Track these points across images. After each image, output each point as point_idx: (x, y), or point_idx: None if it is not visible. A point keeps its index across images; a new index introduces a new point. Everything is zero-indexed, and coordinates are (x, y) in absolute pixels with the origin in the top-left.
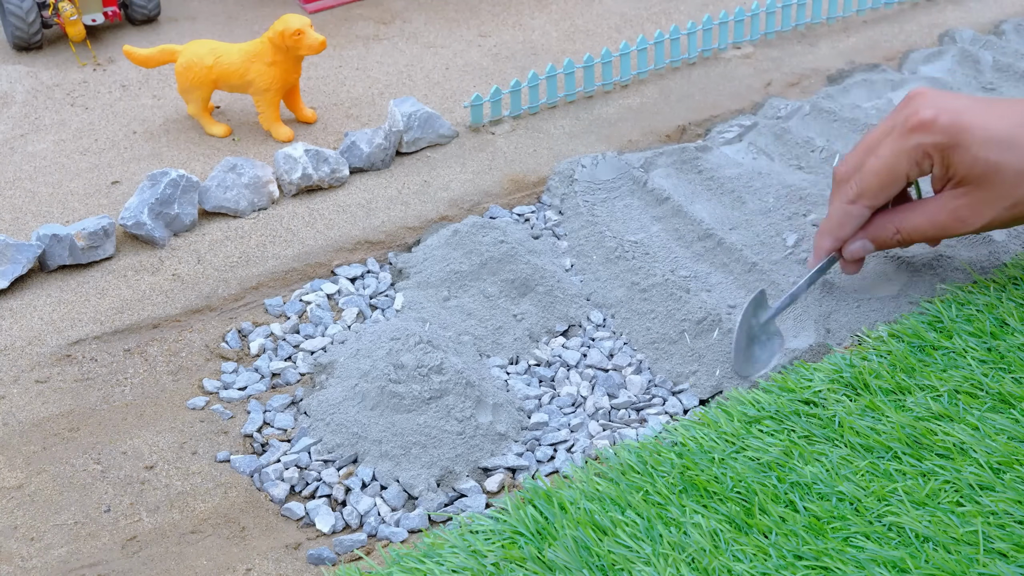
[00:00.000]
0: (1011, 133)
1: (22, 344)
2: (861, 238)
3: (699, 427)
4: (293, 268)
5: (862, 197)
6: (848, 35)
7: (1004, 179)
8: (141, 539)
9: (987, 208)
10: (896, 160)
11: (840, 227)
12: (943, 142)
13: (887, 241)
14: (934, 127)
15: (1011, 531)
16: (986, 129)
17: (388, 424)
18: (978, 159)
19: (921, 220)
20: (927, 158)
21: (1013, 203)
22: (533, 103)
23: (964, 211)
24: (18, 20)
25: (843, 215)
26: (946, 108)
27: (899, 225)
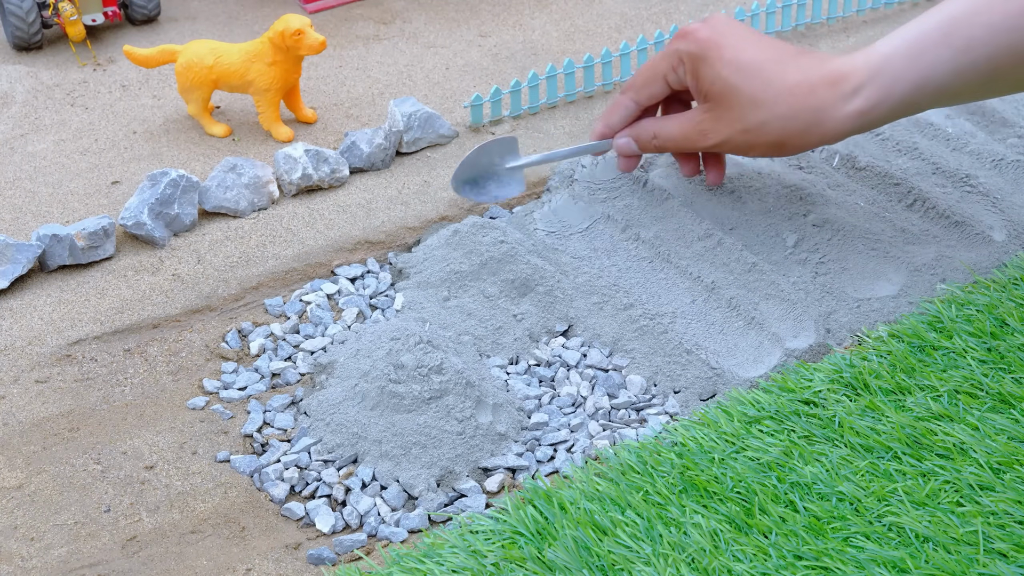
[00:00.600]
0: (757, 62)
1: (22, 344)
2: (626, 135)
3: (699, 427)
4: (293, 268)
5: (628, 89)
6: (848, 35)
7: (738, 102)
8: (141, 539)
9: (722, 126)
10: (658, 60)
11: (609, 113)
12: (695, 52)
13: (647, 143)
14: (692, 37)
15: (1011, 531)
16: (736, 52)
17: (388, 424)
18: (719, 76)
19: (673, 127)
20: (680, 64)
21: (744, 128)
22: (533, 103)
23: (705, 124)
24: (18, 20)
25: (613, 103)
26: (714, 26)
27: (656, 130)
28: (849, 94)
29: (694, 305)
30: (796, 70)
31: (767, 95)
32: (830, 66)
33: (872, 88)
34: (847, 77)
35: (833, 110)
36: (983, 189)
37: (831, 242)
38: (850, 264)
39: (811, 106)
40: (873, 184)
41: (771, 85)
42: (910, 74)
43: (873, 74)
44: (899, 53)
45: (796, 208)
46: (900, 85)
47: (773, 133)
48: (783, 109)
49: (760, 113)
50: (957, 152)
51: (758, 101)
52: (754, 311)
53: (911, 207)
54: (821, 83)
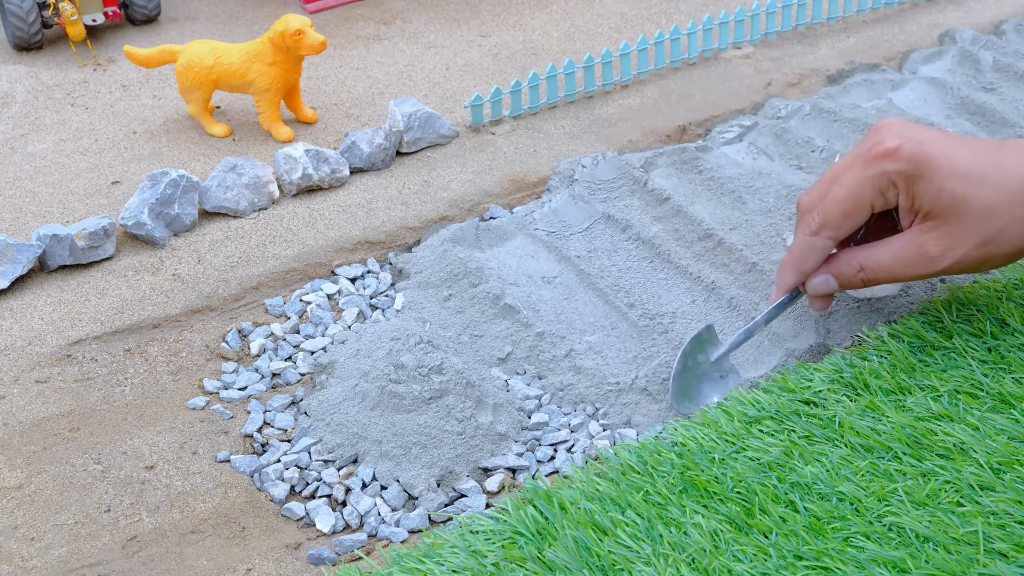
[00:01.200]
0: (979, 166)
1: (22, 344)
2: (824, 273)
3: (699, 427)
4: (293, 268)
5: (825, 228)
6: (848, 35)
7: (972, 213)
8: (141, 539)
9: (956, 244)
10: (860, 189)
11: (803, 260)
12: (908, 171)
13: (850, 278)
14: (899, 155)
15: (1011, 531)
16: (952, 161)
17: (388, 424)
18: (944, 190)
19: (886, 256)
20: (892, 187)
21: (983, 240)
22: (533, 103)
23: (931, 246)
24: (18, 20)
25: (806, 248)
26: (912, 138)
27: (863, 261)
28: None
29: (694, 305)
30: (1014, 166)
31: (1000, 199)
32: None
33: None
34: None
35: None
36: None
37: None
38: None
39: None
40: None
41: (1000, 188)
42: None
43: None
44: None
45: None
46: None
47: (1012, 240)
48: (1020, 211)
49: (996, 221)
50: None
51: (992, 208)
52: (754, 311)
53: None
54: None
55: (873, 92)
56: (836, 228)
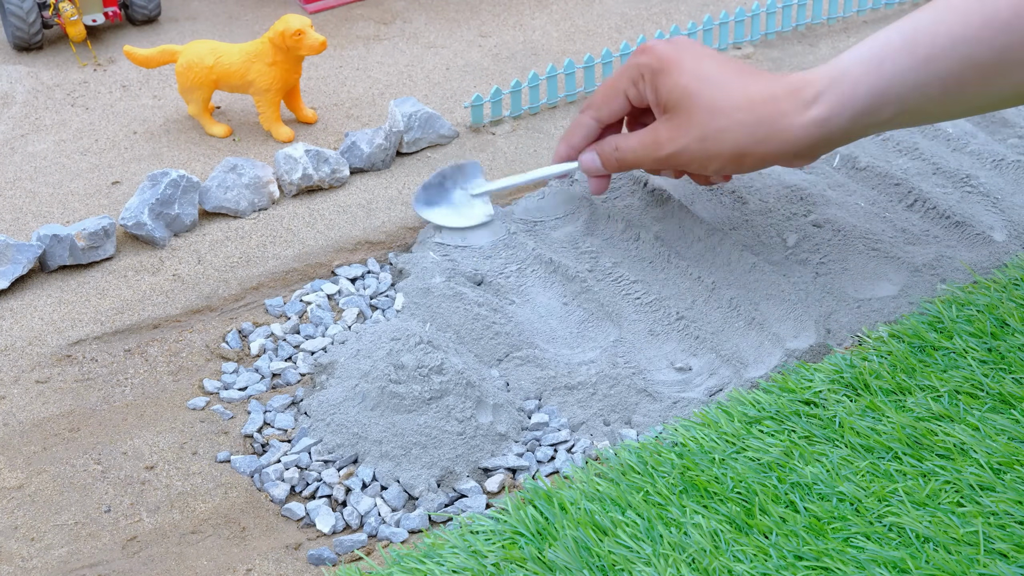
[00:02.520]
0: (717, 72)
1: (22, 344)
2: (590, 150)
3: (699, 427)
4: (293, 268)
5: (589, 107)
6: (848, 35)
7: (696, 107)
8: (141, 539)
9: (680, 134)
10: (617, 76)
11: (571, 134)
12: (654, 65)
13: (608, 156)
14: (651, 52)
15: (1012, 531)
16: (696, 63)
17: (388, 424)
18: (677, 85)
19: (633, 140)
20: (641, 79)
21: (702, 135)
22: (534, 103)
23: (662, 134)
24: (18, 20)
25: (574, 123)
26: (676, 42)
27: (618, 143)
28: (809, 101)
29: (694, 306)
30: (756, 82)
31: (726, 102)
32: (792, 77)
33: (831, 94)
34: (808, 85)
35: (792, 117)
36: (983, 189)
37: (831, 242)
38: (850, 264)
39: (770, 113)
40: (873, 184)
41: (730, 93)
42: (870, 80)
43: (833, 80)
44: (860, 60)
45: (796, 208)
46: (860, 91)
47: (731, 141)
48: (742, 115)
49: (718, 120)
50: (957, 152)
51: (716, 108)
52: (754, 311)
53: (911, 207)
54: (782, 92)
55: None
56: (597, 109)
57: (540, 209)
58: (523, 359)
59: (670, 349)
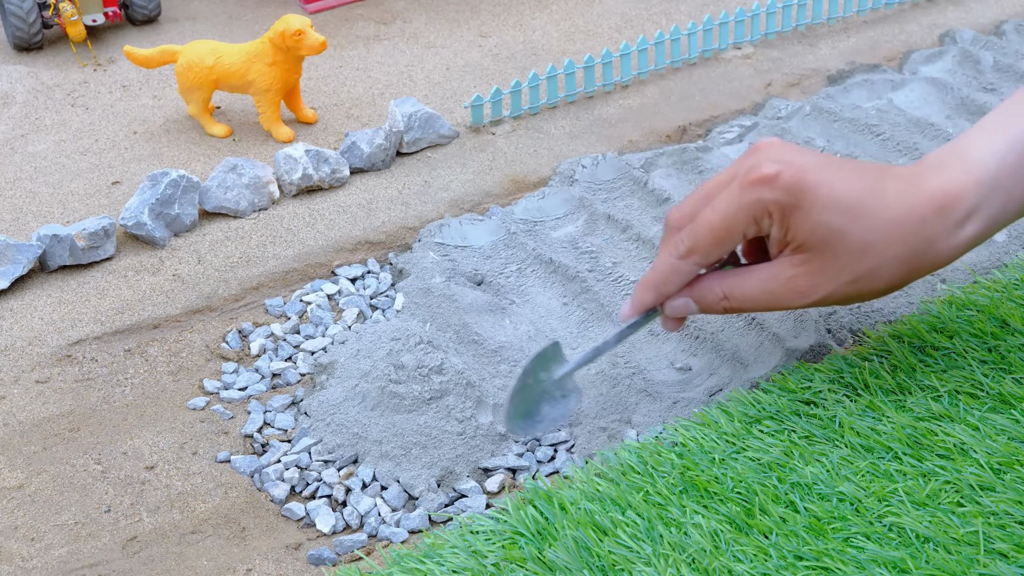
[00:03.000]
0: (859, 198)
1: (22, 344)
2: (685, 296)
3: (699, 427)
4: (293, 268)
5: (693, 253)
6: (848, 35)
7: (846, 249)
8: (141, 539)
9: (826, 280)
10: (734, 216)
11: (665, 283)
12: (784, 201)
13: (712, 305)
14: (777, 183)
15: (1012, 531)
16: (832, 191)
17: (388, 424)
18: (820, 223)
19: (752, 287)
20: (767, 216)
21: (854, 277)
22: (534, 103)
23: (800, 280)
24: (18, 20)
25: (670, 270)
26: (791, 164)
27: (727, 290)
28: (961, 221)
29: None
30: (897, 199)
31: (877, 236)
32: (931, 188)
33: (986, 210)
34: (956, 202)
35: (945, 241)
36: None
37: None
38: None
39: (923, 240)
40: None
41: (879, 224)
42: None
43: (985, 196)
44: (1009, 166)
45: None
46: (1015, 202)
47: (884, 278)
48: (896, 249)
49: (871, 259)
50: None
51: (868, 245)
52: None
53: None
54: (929, 212)
55: (873, 92)
56: (704, 255)
57: (540, 209)
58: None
59: (670, 349)
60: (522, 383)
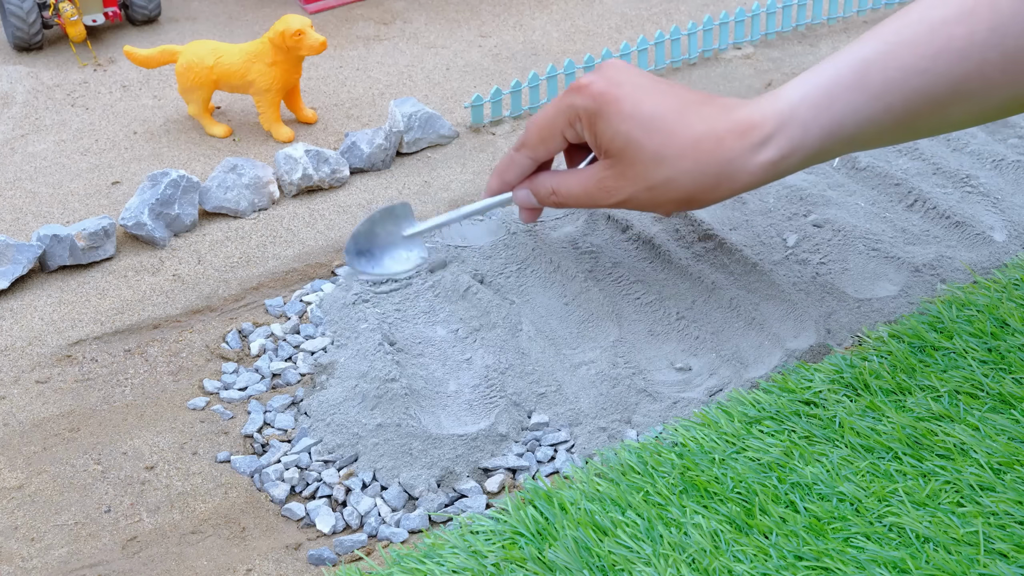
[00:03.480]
0: (659, 116)
1: (22, 344)
2: (525, 187)
3: (699, 428)
4: (293, 268)
5: (524, 147)
6: (848, 35)
7: (641, 158)
8: (141, 539)
9: (626, 183)
10: (553, 116)
11: (504, 170)
12: (591, 107)
13: (545, 197)
14: (587, 91)
15: (1012, 531)
16: (637, 105)
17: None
18: (619, 131)
19: (574, 183)
20: (577, 120)
21: (650, 185)
22: (534, 104)
23: (608, 182)
24: (19, 20)
25: (508, 160)
26: (609, 77)
27: (555, 185)
28: (758, 144)
29: (695, 305)
30: (700, 120)
31: (671, 150)
32: (737, 115)
33: (782, 137)
34: (756, 126)
35: (742, 161)
36: (983, 189)
37: (831, 242)
38: (850, 264)
39: (719, 159)
40: (873, 184)
41: (675, 138)
42: (822, 120)
43: (783, 123)
44: (809, 99)
45: (796, 208)
46: (812, 133)
47: (680, 189)
48: (689, 164)
49: (665, 169)
50: (957, 152)
51: (662, 157)
52: (754, 311)
53: (911, 207)
54: (728, 134)
55: None
56: (533, 150)
57: None
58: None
59: (670, 349)
60: (367, 228)
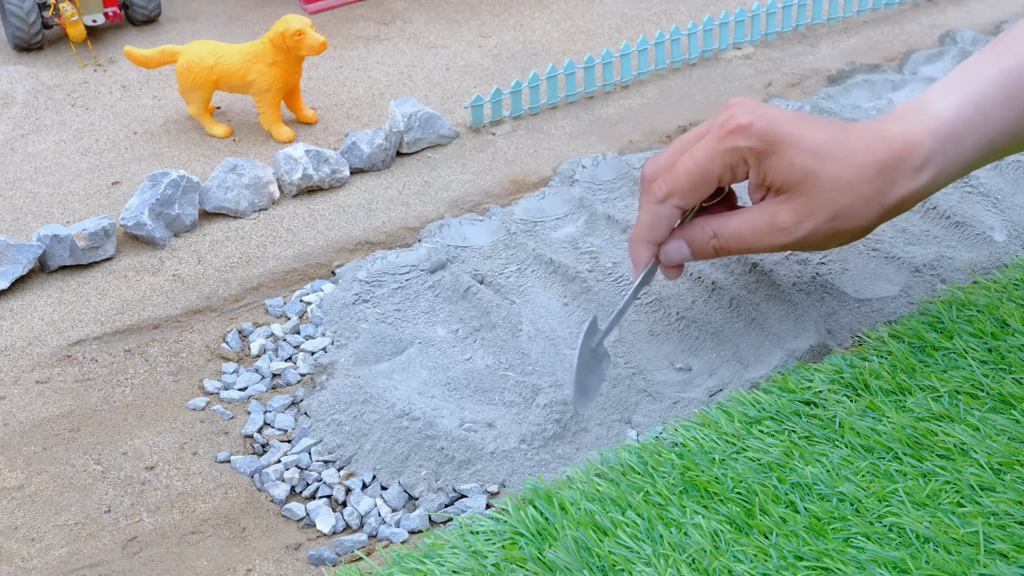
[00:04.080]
0: (827, 144)
1: (23, 344)
2: (677, 238)
3: (699, 428)
4: (293, 268)
5: (672, 196)
6: (848, 35)
7: (822, 187)
8: (142, 539)
9: (807, 216)
10: (710, 161)
11: (652, 230)
12: (758, 147)
13: (703, 246)
14: (751, 132)
15: (1012, 532)
16: (802, 138)
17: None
18: (795, 165)
19: (740, 225)
20: (743, 163)
21: (833, 214)
22: (534, 104)
23: (784, 217)
24: (19, 21)
25: (653, 216)
26: (763, 115)
27: (717, 229)
28: (918, 168)
29: (695, 305)
30: (860, 145)
31: (849, 176)
32: (892, 136)
33: (940, 159)
34: (912, 151)
35: (902, 187)
36: (983, 189)
37: None
38: (851, 264)
39: (886, 183)
40: None
41: (850, 166)
42: (977, 139)
43: (940, 146)
44: (963, 117)
45: None
46: (968, 150)
47: (861, 216)
48: (866, 189)
49: (844, 196)
50: None
51: (841, 183)
52: (754, 311)
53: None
54: (890, 158)
55: (873, 93)
56: (683, 197)
57: (540, 209)
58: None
59: (670, 349)
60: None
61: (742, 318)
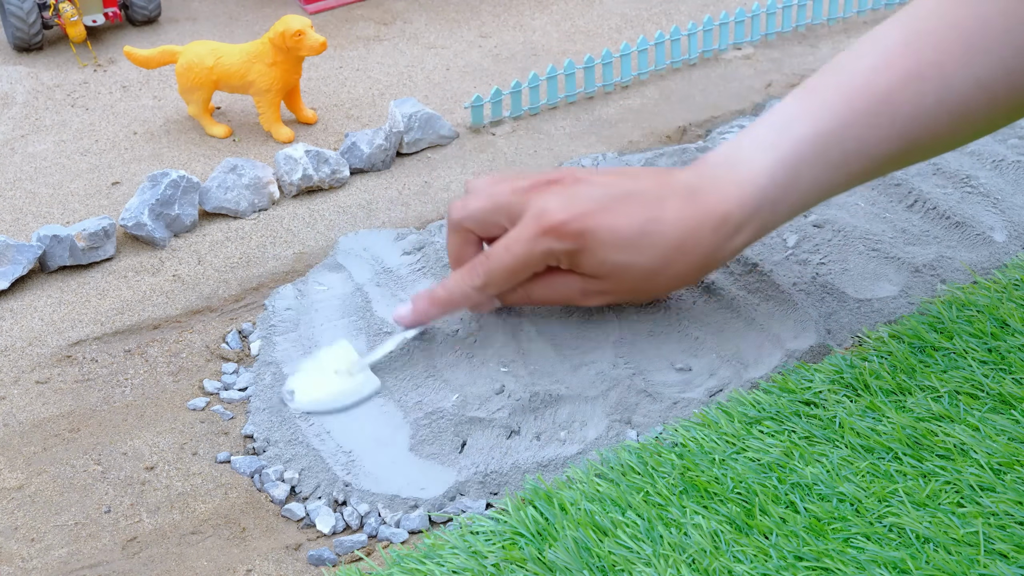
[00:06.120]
0: (639, 233)
1: (22, 345)
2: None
3: (699, 428)
4: (293, 269)
5: (488, 287)
6: (848, 36)
7: (631, 276)
8: (141, 540)
9: (614, 294)
10: (526, 259)
11: (457, 306)
12: (571, 248)
13: (514, 302)
14: (563, 232)
15: (1012, 532)
16: (613, 231)
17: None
18: (606, 261)
19: (547, 292)
20: (556, 259)
21: (635, 289)
22: (534, 104)
23: (593, 291)
24: (18, 21)
25: (464, 297)
26: (577, 209)
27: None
28: (732, 233)
29: (695, 305)
30: (675, 223)
31: (660, 261)
32: (706, 206)
33: (756, 221)
34: (727, 219)
35: (720, 252)
36: (983, 190)
37: (831, 242)
38: (850, 265)
39: (701, 253)
40: (873, 185)
41: (658, 251)
42: (790, 199)
43: (755, 209)
44: (778, 184)
45: None
46: (781, 210)
47: (671, 285)
48: (678, 268)
49: (657, 279)
50: (957, 153)
51: (650, 271)
52: (754, 311)
53: (911, 208)
54: (706, 230)
55: None
56: (499, 288)
57: None
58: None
59: (670, 349)
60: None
61: (742, 318)
